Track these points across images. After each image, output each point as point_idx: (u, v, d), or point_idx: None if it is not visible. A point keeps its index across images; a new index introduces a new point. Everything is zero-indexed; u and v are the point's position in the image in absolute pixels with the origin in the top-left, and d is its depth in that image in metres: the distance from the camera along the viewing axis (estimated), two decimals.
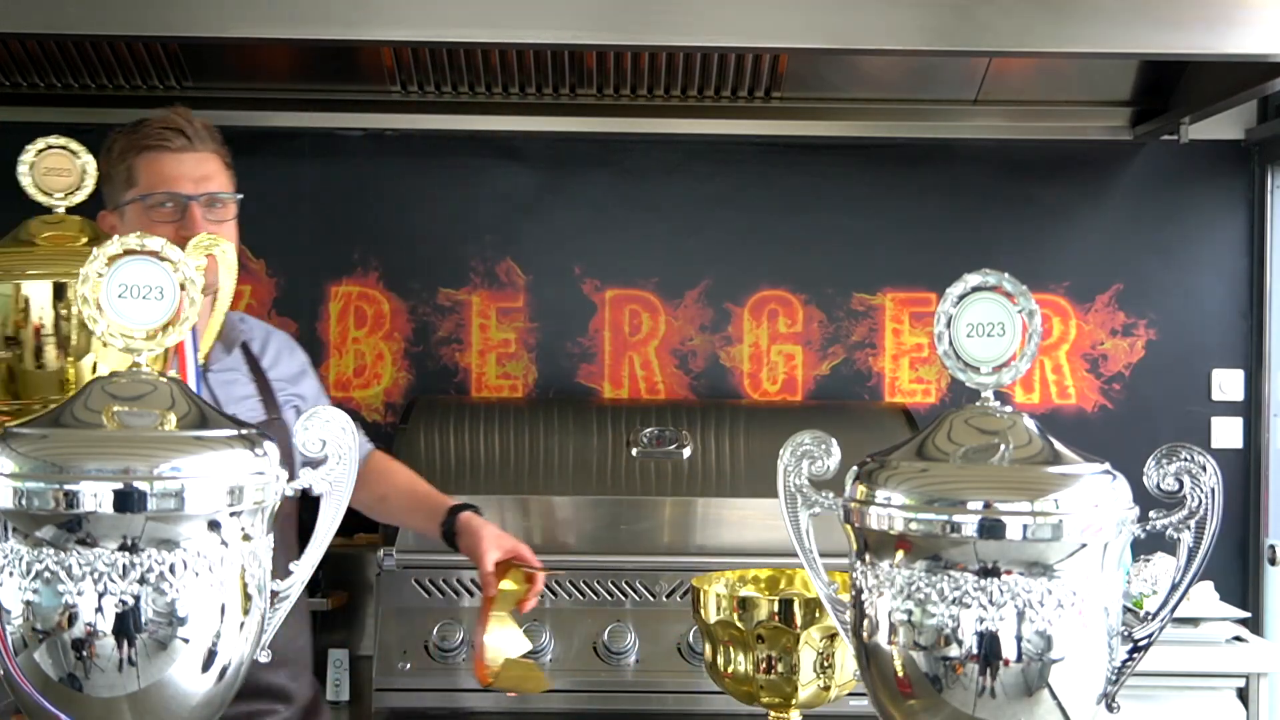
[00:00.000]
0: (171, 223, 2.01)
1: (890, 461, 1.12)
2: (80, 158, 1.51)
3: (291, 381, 2.28)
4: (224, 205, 2.08)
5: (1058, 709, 1.08)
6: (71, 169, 1.51)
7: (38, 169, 1.51)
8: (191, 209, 2.03)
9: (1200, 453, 1.14)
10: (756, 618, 1.37)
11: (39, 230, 1.48)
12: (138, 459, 1.03)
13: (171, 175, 2.04)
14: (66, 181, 1.51)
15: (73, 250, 1.45)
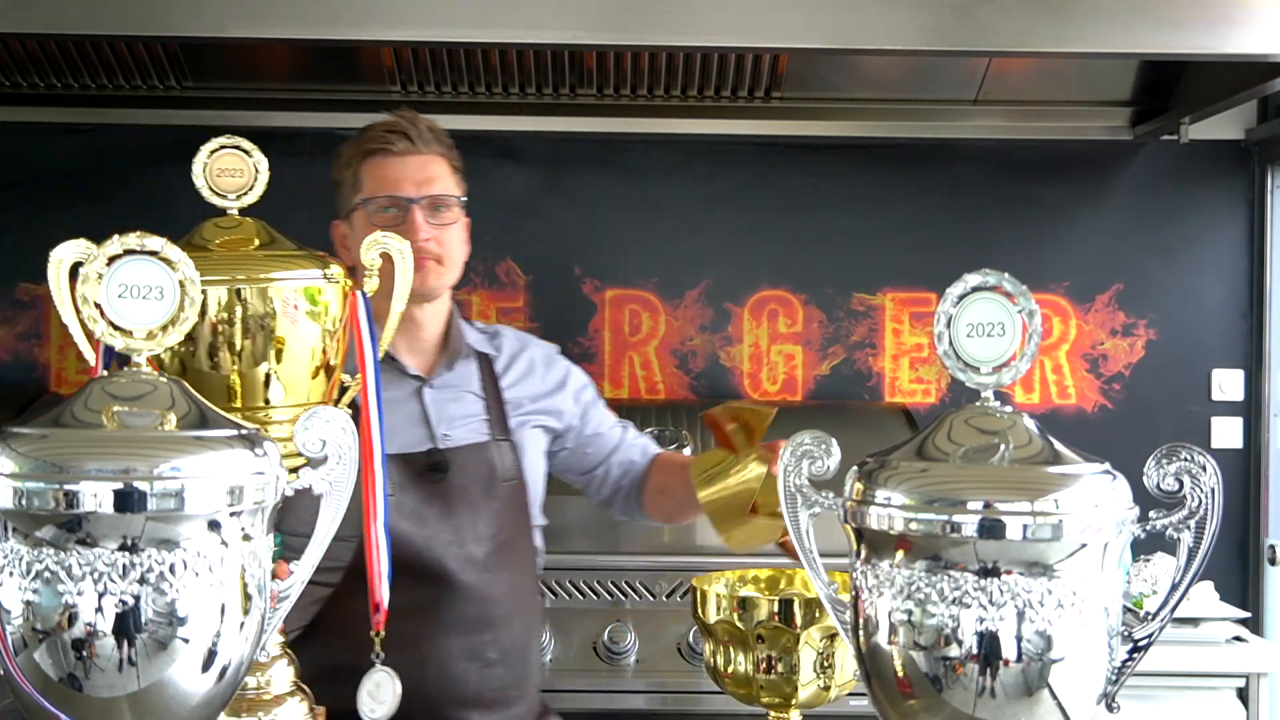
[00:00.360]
0: (394, 227, 1.94)
1: (890, 461, 1.12)
2: (252, 157, 1.50)
3: (538, 399, 2.15)
4: (448, 208, 2.03)
5: (1058, 709, 1.08)
6: (244, 169, 1.50)
7: (210, 170, 1.49)
8: (413, 212, 1.98)
9: (1200, 453, 1.14)
10: (756, 618, 1.37)
11: (214, 235, 1.46)
12: (138, 459, 1.03)
13: (393, 178, 2.01)
14: (239, 182, 1.50)
15: (246, 255, 1.44)
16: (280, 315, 1.40)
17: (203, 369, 1.39)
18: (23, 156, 3.64)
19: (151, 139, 3.61)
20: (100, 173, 3.62)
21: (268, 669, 1.50)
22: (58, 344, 3.67)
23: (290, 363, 1.41)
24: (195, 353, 1.38)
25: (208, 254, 1.42)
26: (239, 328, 1.38)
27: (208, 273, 1.36)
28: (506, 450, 2.06)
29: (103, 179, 3.62)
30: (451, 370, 2.08)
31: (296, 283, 1.42)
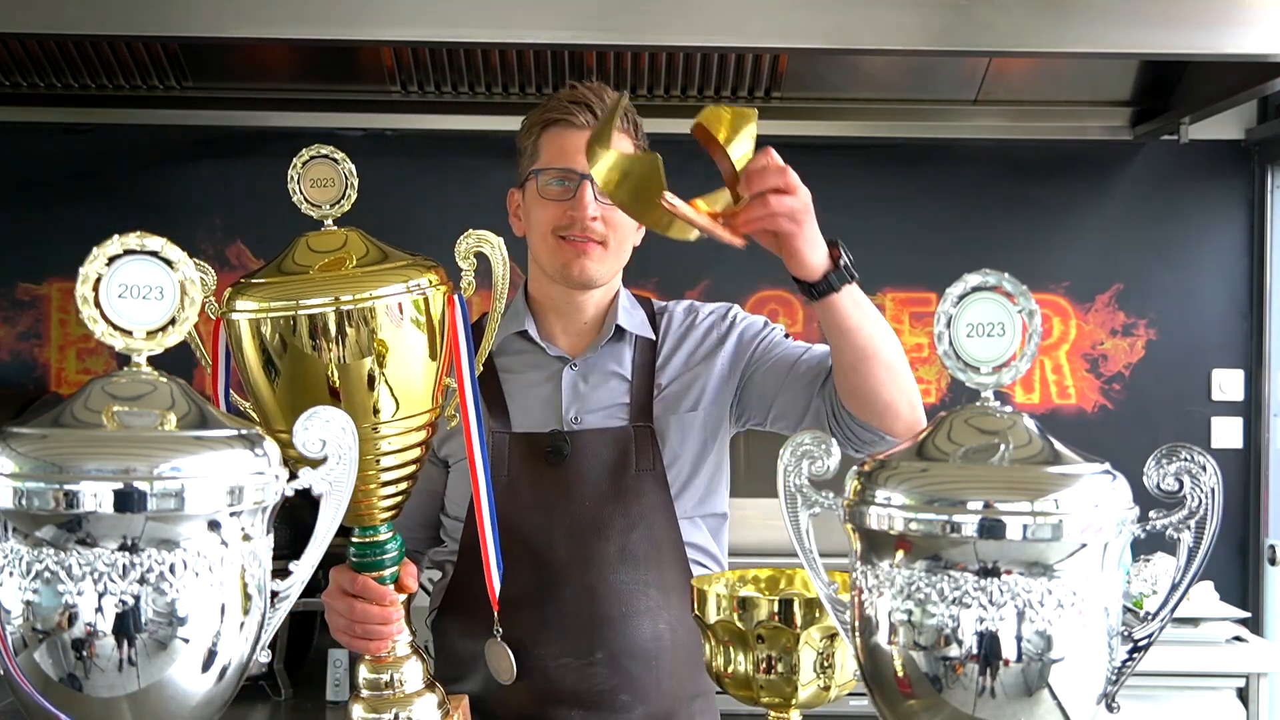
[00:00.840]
0: (561, 201, 1.88)
1: (890, 461, 1.12)
2: (342, 165, 1.47)
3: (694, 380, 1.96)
4: None
5: (1058, 709, 1.08)
6: (336, 178, 1.47)
7: (304, 181, 1.47)
8: (584, 188, 1.86)
9: (1200, 453, 1.14)
10: (756, 618, 1.37)
11: (309, 259, 1.44)
12: (138, 459, 1.03)
13: (569, 150, 1.88)
14: (332, 192, 1.47)
15: (344, 275, 1.42)
16: (387, 331, 1.40)
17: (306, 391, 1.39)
18: (23, 156, 3.64)
19: (151, 139, 3.62)
20: (100, 173, 3.62)
21: (400, 666, 1.54)
22: (58, 344, 3.67)
23: (400, 376, 1.42)
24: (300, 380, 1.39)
25: (306, 277, 1.42)
26: (345, 349, 1.39)
27: (307, 296, 1.38)
28: (645, 437, 1.91)
29: (103, 179, 3.62)
30: (598, 352, 1.96)
31: (398, 297, 1.41)
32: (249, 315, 1.40)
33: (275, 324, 1.39)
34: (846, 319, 1.74)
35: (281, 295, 1.39)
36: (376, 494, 1.48)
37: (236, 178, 3.62)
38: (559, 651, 1.85)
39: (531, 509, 1.87)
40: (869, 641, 1.13)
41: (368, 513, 1.50)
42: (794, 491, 1.21)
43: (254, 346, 1.41)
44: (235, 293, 1.43)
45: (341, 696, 3.06)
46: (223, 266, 3.64)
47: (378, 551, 1.54)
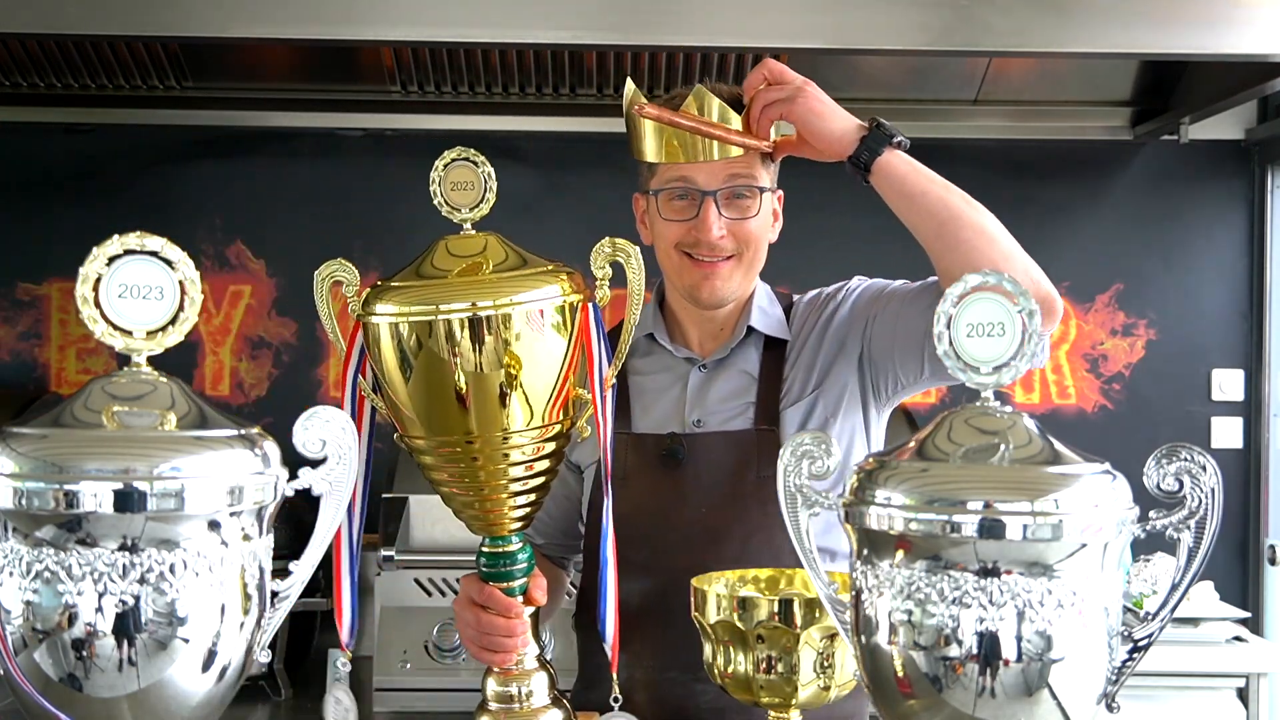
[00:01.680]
0: (684, 220, 1.78)
1: (890, 461, 1.12)
2: (482, 168, 1.46)
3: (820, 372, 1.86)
4: (747, 198, 1.79)
5: (1058, 709, 1.08)
6: (476, 181, 1.46)
7: (445, 184, 1.46)
8: (707, 205, 1.76)
9: (1200, 453, 1.14)
10: (756, 618, 1.37)
11: (448, 263, 1.44)
12: (138, 459, 1.03)
13: (690, 165, 1.76)
14: (471, 196, 1.46)
15: (482, 280, 1.42)
16: (524, 338, 1.40)
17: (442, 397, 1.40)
18: (23, 156, 3.64)
19: (151, 139, 3.62)
20: (100, 173, 3.62)
21: (527, 680, 1.54)
22: (58, 344, 3.67)
23: (535, 383, 1.42)
24: (437, 385, 1.40)
25: (445, 282, 1.42)
26: (482, 356, 1.39)
27: (446, 301, 1.38)
28: (769, 441, 1.79)
29: (103, 179, 3.62)
30: (729, 353, 1.88)
31: (536, 304, 1.41)
32: (388, 319, 1.41)
33: (414, 328, 1.39)
34: (906, 182, 1.70)
35: (421, 300, 1.40)
36: (507, 504, 1.48)
37: (236, 178, 3.62)
38: (668, 665, 1.77)
39: (646, 514, 1.79)
40: (869, 641, 1.13)
41: (498, 522, 1.50)
42: (794, 491, 1.22)
43: (392, 349, 1.41)
44: (374, 295, 1.43)
45: None
46: (222, 266, 3.64)
47: (507, 562, 1.54)
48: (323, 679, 3.08)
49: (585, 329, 1.45)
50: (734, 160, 1.76)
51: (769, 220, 1.85)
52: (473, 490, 1.48)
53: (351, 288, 1.47)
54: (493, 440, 1.43)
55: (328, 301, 1.50)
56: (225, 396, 3.62)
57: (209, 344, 3.64)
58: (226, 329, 3.65)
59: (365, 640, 3.28)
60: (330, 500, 1.16)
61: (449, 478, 1.48)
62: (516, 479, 1.46)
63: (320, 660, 3.14)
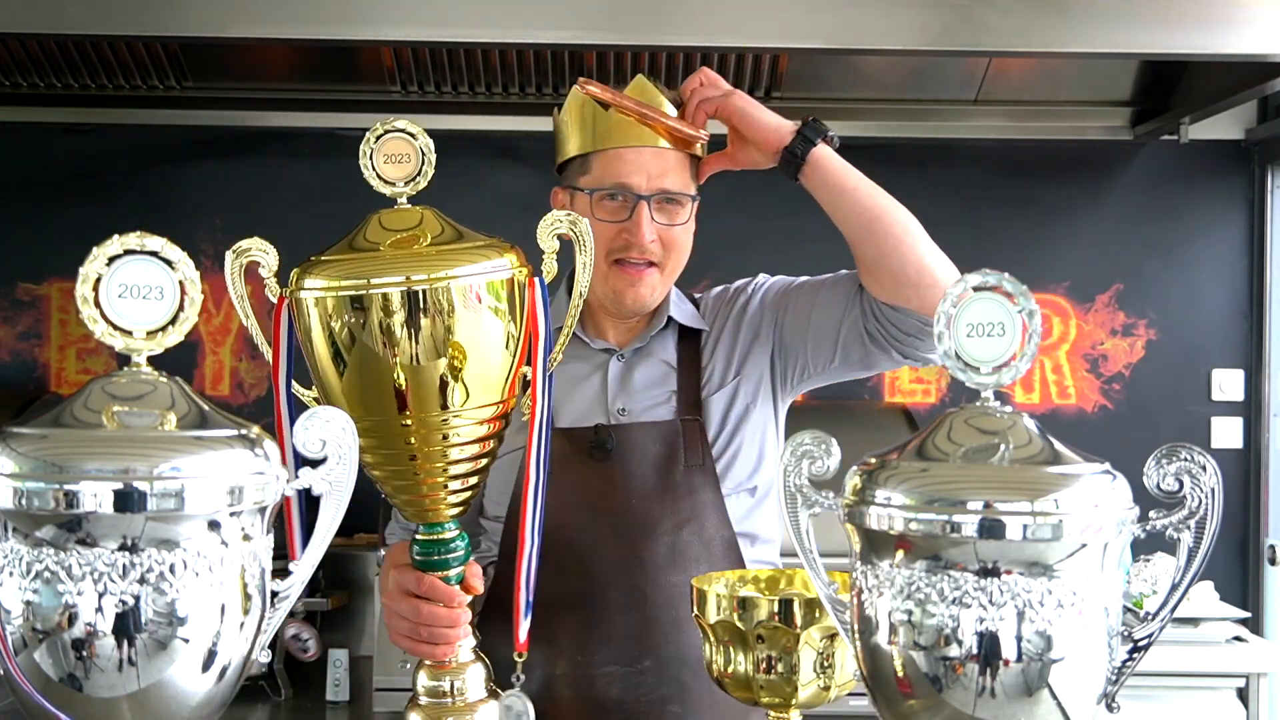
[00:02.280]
0: (616, 221, 1.80)
1: (890, 461, 1.12)
2: (418, 140, 1.40)
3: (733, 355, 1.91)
4: (678, 205, 1.83)
5: (1058, 709, 1.08)
6: (411, 154, 1.40)
7: (377, 157, 1.40)
8: (640, 208, 1.79)
9: (1200, 453, 1.14)
10: (756, 618, 1.37)
11: (381, 237, 1.37)
12: (138, 459, 1.03)
13: (625, 165, 1.79)
14: (406, 170, 1.40)
15: (418, 253, 1.35)
16: (462, 314, 1.34)
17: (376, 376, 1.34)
18: (23, 156, 3.64)
19: (151, 139, 3.62)
20: (100, 173, 3.62)
21: (462, 673, 1.48)
22: (58, 344, 3.67)
23: (475, 361, 1.36)
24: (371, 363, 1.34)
25: (377, 254, 1.35)
26: (418, 332, 1.33)
27: (378, 275, 1.32)
28: (694, 431, 1.82)
29: (103, 179, 3.62)
30: (647, 343, 1.89)
31: (477, 277, 1.35)
32: (316, 294, 1.34)
33: (344, 304, 1.33)
34: (838, 178, 1.76)
35: (352, 273, 1.33)
36: (444, 489, 1.42)
37: (236, 178, 3.62)
38: (604, 659, 1.76)
39: (575, 508, 1.77)
40: (869, 641, 1.13)
41: (433, 508, 1.44)
42: (794, 491, 1.21)
43: (321, 328, 1.35)
44: (303, 271, 1.37)
45: (341, 697, 3.07)
46: (223, 267, 3.63)
47: (443, 550, 1.47)
48: (323, 679, 3.09)
49: (531, 305, 1.41)
50: (668, 165, 1.80)
51: (692, 228, 1.89)
52: (408, 475, 1.41)
53: (268, 269, 1.40)
54: (429, 422, 1.36)
55: (241, 283, 1.43)
56: (225, 396, 3.62)
57: (209, 344, 3.64)
58: (226, 329, 3.65)
59: (365, 640, 3.29)
60: (330, 500, 1.16)
61: (384, 460, 1.41)
62: (455, 461, 1.40)
63: (320, 660, 3.14)
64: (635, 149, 1.79)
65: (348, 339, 1.35)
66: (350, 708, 3.08)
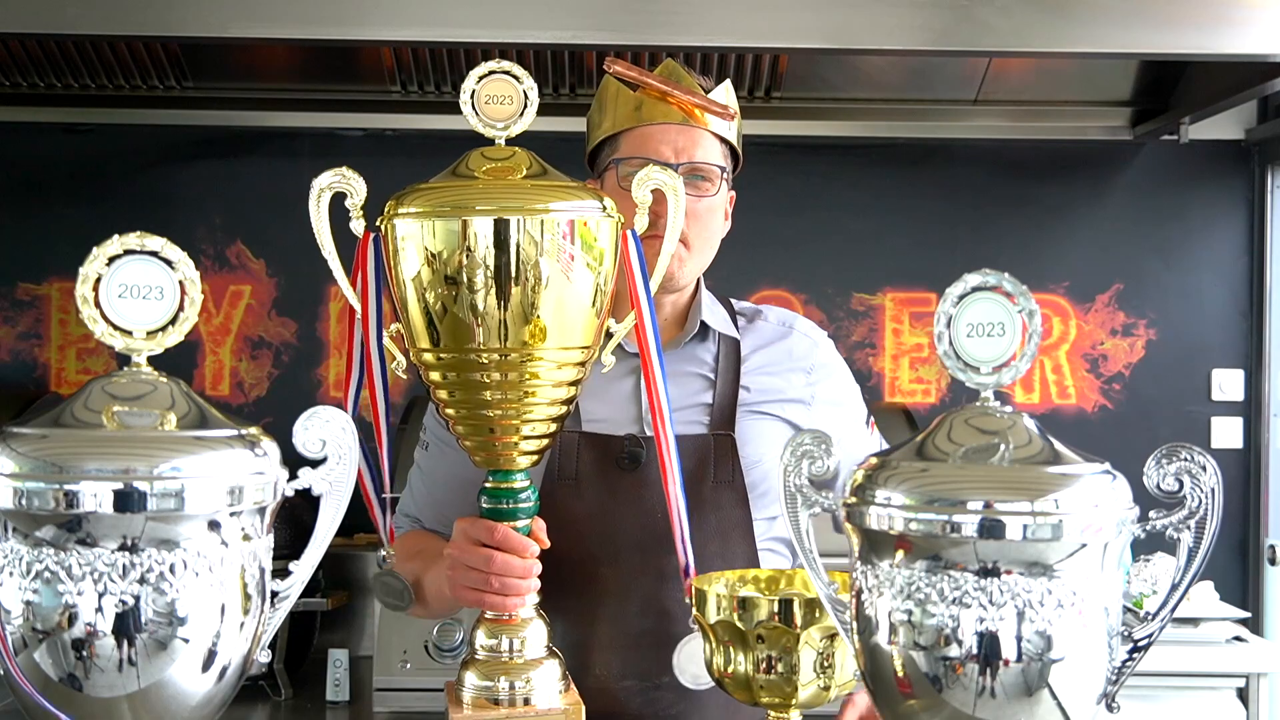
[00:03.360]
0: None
1: (890, 461, 1.12)
2: (523, 83, 1.41)
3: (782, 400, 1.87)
4: (706, 180, 1.79)
5: (1058, 709, 1.08)
6: (515, 96, 1.41)
7: (479, 97, 1.41)
8: None
9: (1200, 453, 1.14)
10: (756, 618, 1.37)
11: (479, 164, 1.39)
12: (138, 459, 1.03)
13: (654, 138, 1.77)
14: (508, 111, 1.41)
15: (515, 184, 1.36)
16: (552, 249, 1.34)
17: (467, 307, 1.34)
18: (23, 156, 3.64)
19: (151, 139, 3.62)
20: (100, 173, 3.62)
21: (523, 630, 1.46)
22: (58, 344, 3.67)
23: (561, 301, 1.36)
24: (458, 292, 1.34)
25: (474, 182, 1.37)
26: (508, 262, 1.33)
27: (475, 202, 1.34)
28: (725, 447, 1.79)
29: (103, 179, 3.62)
30: (679, 350, 1.84)
31: (569, 215, 1.35)
32: (411, 219, 1.36)
33: (438, 229, 1.34)
34: None
35: (449, 200, 1.35)
36: (518, 432, 1.41)
37: (236, 178, 3.62)
38: (622, 672, 1.73)
39: (598, 516, 1.74)
40: (869, 641, 1.13)
41: (505, 454, 1.43)
42: (794, 491, 1.21)
43: (416, 254, 1.35)
44: (398, 200, 1.39)
45: (341, 697, 3.07)
46: (222, 266, 3.64)
47: (513, 499, 1.46)
48: (323, 679, 3.09)
49: (625, 254, 1.41)
50: (695, 140, 1.77)
51: (724, 207, 1.84)
52: (485, 416, 1.41)
53: (356, 201, 1.41)
54: (511, 360, 1.36)
55: (324, 217, 1.42)
56: (225, 396, 3.62)
57: (209, 344, 3.64)
58: (226, 329, 3.65)
59: (365, 640, 3.28)
60: (330, 500, 1.16)
61: (462, 399, 1.40)
62: (534, 404, 1.40)
63: (320, 660, 3.14)
64: (662, 125, 1.77)
65: (440, 266, 1.35)
66: (350, 708, 3.08)
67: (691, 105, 1.77)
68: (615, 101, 1.81)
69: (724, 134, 1.80)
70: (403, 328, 1.42)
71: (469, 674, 1.45)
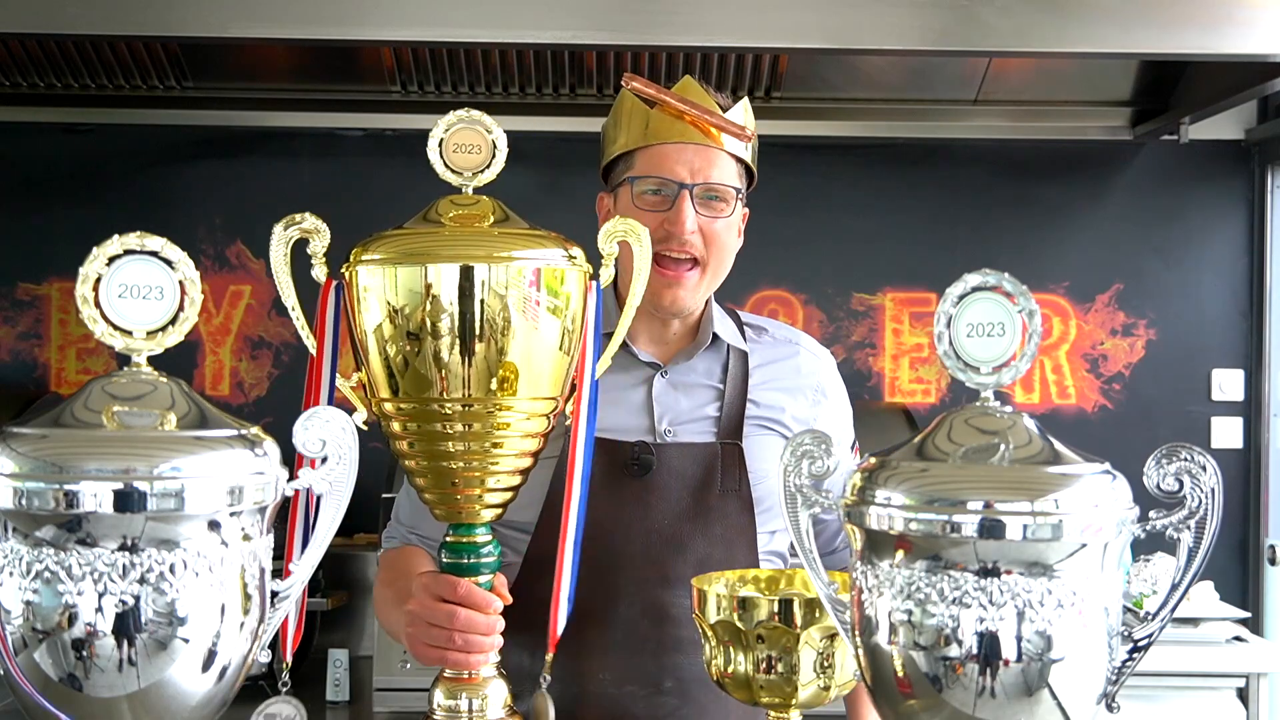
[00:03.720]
0: (657, 212, 1.75)
1: (890, 461, 1.12)
2: (491, 134, 1.41)
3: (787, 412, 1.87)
4: (722, 201, 1.79)
5: (1058, 709, 1.08)
6: (482, 145, 1.41)
7: (447, 146, 1.39)
8: (682, 198, 1.75)
9: (1200, 453, 1.14)
10: (756, 618, 1.37)
11: (448, 210, 1.38)
12: (138, 459, 1.03)
13: (669, 157, 1.76)
14: (476, 160, 1.41)
15: (481, 231, 1.35)
16: (518, 298, 1.32)
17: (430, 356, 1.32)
18: (23, 156, 3.64)
19: (151, 139, 3.62)
20: (100, 173, 3.63)
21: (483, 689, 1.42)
22: (58, 344, 3.67)
23: (528, 351, 1.34)
24: (421, 340, 1.32)
25: (439, 229, 1.35)
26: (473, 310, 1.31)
27: (440, 250, 1.31)
28: (732, 456, 1.80)
29: (103, 179, 3.62)
30: (691, 360, 1.84)
31: (535, 263, 1.34)
32: (374, 266, 1.34)
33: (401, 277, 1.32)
34: None
35: (414, 250, 1.33)
36: (482, 485, 1.38)
37: (236, 178, 3.62)
38: (625, 677, 1.73)
39: (606, 521, 1.73)
40: (869, 641, 1.12)
41: (468, 507, 1.40)
42: (794, 491, 1.21)
43: (376, 303, 1.33)
44: (364, 246, 1.37)
45: (341, 697, 3.07)
46: (222, 266, 3.64)
47: (478, 553, 1.42)
48: (323, 679, 3.09)
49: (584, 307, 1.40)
50: (712, 161, 1.76)
51: (737, 226, 1.84)
52: (447, 468, 1.37)
53: (319, 246, 1.39)
54: (475, 411, 1.34)
55: (286, 259, 1.41)
56: (225, 396, 3.62)
57: (209, 344, 3.64)
58: (226, 329, 3.65)
59: (365, 640, 3.29)
60: (330, 500, 1.16)
61: (423, 450, 1.38)
62: (496, 458, 1.37)
63: (320, 660, 3.14)
64: (679, 145, 1.76)
65: (403, 314, 1.33)
66: (350, 708, 3.08)
67: (708, 125, 1.75)
68: (631, 117, 1.79)
69: (739, 154, 1.80)
70: (364, 377, 1.40)
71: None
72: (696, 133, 1.76)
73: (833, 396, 1.93)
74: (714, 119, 1.76)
